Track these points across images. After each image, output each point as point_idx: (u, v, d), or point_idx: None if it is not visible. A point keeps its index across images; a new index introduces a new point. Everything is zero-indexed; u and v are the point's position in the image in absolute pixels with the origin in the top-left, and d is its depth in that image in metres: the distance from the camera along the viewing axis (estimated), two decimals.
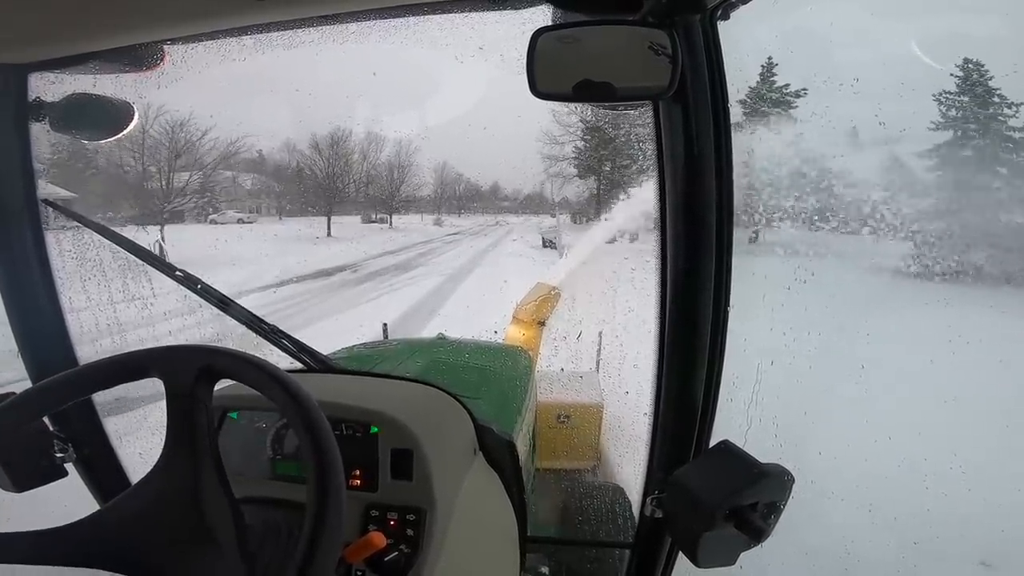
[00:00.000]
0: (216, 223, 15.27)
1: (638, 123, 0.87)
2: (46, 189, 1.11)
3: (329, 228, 14.50)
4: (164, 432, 0.91)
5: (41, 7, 0.80)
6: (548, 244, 10.55)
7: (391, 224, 16.55)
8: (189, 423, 0.61)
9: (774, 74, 11.34)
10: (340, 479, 0.57)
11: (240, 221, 15.76)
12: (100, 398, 1.17)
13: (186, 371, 0.62)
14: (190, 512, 0.58)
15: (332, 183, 15.28)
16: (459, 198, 17.76)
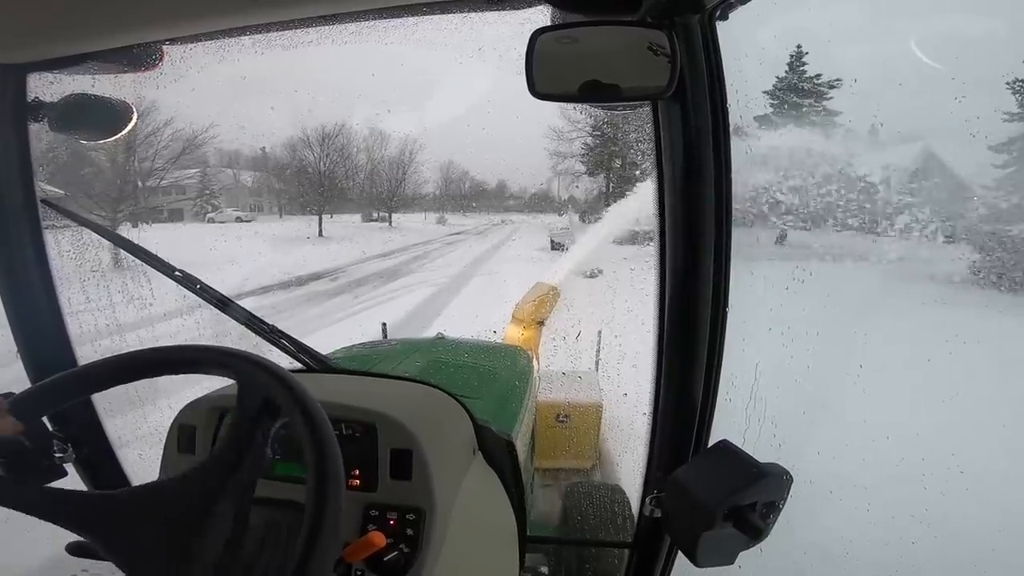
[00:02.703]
0: (214, 222, 15.12)
1: (649, 121, 0.87)
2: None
3: (320, 228, 14.01)
4: (164, 433, 0.91)
5: (39, 7, 0.79)
6: (557, 246, 10.12)
7: (390, 223, 16.29)
8: (241, 445, 0.61)
9: (804, 63, 10.96)
10: (339, 479, 0.57)
11: (239, 220, 15.61)
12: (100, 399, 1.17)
13: (257, 391, 0.62)
14: (187, 527, 0.58)
15: (326, 182, 14.83)
16: (463, 196, 17.59)
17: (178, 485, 0.60)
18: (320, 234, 13.87)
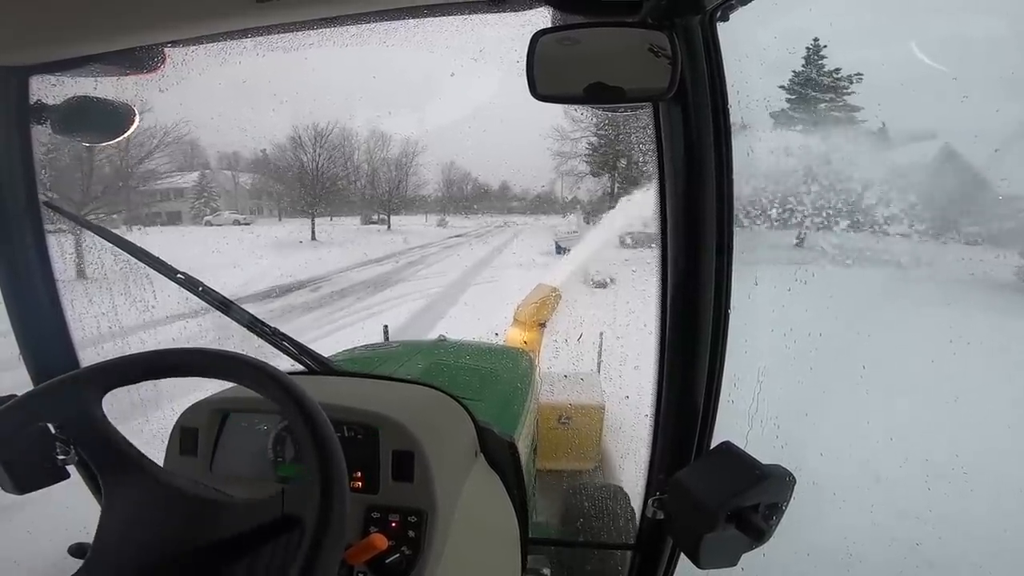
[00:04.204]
0: (211, 224, 14.98)
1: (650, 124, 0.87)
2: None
3: (313, 231, 13.52)
4: (167, 434, 0.91)
5: (42, 10, 0.80)
6: (562, 251, 9.42)
7: (389, 226, 16.06)
8: (104, 444, 0.61)
9: (823, 56, 10.41)
10: (343, 481, 0.57)
11: (236, 222, 15.49)
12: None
13: (69, 402, 0.62)
14: (192, 502, 0.59)
15: (324, 184, 14.46)
16: (465, 198, 17.43)
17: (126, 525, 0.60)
18: (313, 238, 13.37)
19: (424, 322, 6.25)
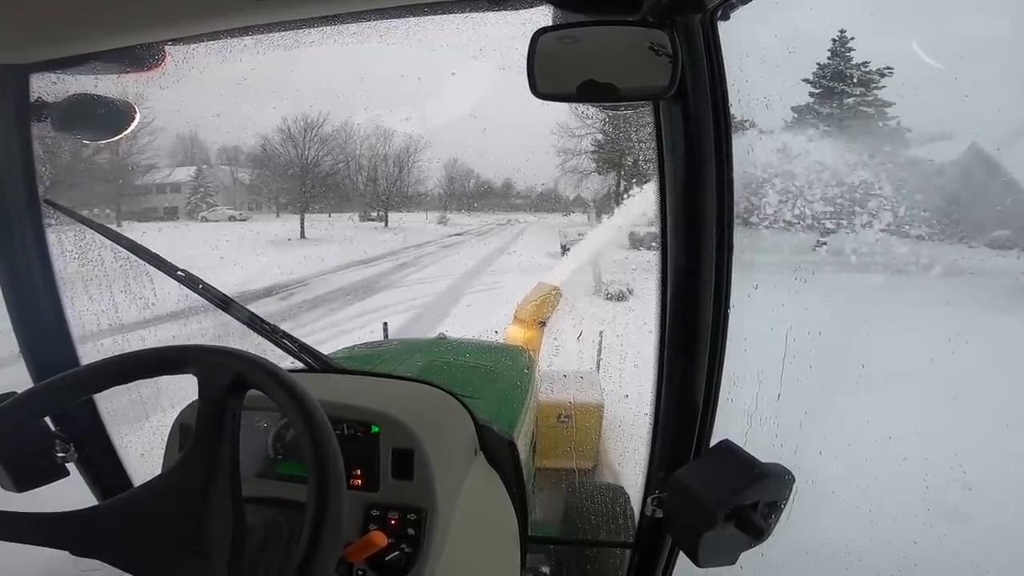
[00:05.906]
0: (207, 220, 14.85)
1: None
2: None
3: (303, 229, 12.91)
4: (165, 433, 0.92)
5: (43, 8, 0.80)
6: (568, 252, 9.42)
7: (386, 223, 15.63)
8: (213, 429, 0.60)
9: (850, 49, 9.85)
10: (341, 479, 0.57)
11: (232, 218, 15.35)
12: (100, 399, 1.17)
13: (221, 375, 0.61)
14: (191, 520, 0.58)
15: (313, 180, 13.96)
16: (468, 195, 17.17)
17: (166, 483, 0.60)
18: (302, 235, 12.77)
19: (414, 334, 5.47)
